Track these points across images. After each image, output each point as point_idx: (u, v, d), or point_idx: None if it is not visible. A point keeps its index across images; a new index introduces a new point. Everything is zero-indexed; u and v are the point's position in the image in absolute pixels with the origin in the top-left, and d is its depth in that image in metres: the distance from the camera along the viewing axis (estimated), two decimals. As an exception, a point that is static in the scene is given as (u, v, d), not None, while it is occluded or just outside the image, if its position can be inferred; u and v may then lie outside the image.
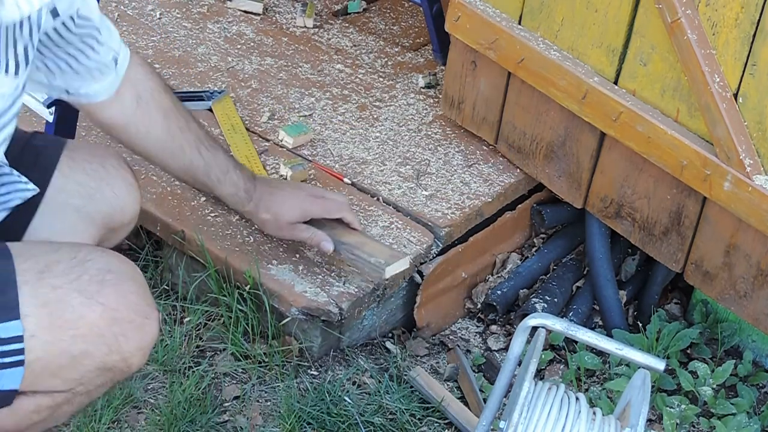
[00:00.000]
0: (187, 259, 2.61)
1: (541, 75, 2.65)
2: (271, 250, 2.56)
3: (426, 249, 2.63)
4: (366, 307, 2.53)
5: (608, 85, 2.57)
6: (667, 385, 2.60)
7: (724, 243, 2.49)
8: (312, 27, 3.30)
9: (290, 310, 2.46)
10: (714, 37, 2.36)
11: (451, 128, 2.97)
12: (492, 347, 2.72)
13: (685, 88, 2.45)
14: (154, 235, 2.69)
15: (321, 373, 2.54)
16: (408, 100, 3.06)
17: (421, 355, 2.66)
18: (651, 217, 2.62)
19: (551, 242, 2.93)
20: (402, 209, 2.71)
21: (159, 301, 2.64)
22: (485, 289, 2.81)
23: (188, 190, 2.68)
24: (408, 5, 3.48)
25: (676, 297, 2.88)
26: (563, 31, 2.63)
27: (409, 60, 3.23)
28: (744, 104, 2.36)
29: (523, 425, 1.93)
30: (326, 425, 2.39)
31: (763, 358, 2.72)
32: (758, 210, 2.37)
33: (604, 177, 2.68)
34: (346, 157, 2.84)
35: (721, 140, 2.38)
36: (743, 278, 2.49)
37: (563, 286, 2.81)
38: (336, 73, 3.13)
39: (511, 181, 2.84)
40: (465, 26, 2.77)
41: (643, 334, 2.69)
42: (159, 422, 2.37)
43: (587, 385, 2.62)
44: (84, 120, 2.79)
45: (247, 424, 2.40)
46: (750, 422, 2.49)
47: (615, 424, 2.00)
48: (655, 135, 2.49)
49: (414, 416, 2.47)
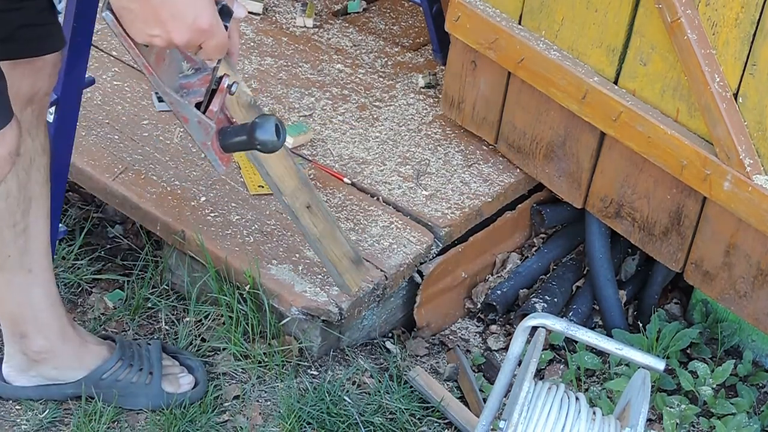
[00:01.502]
0: (187, 259, 2.61)
1: (541, 75, 2.65)
2: (271, 250, 2.57)
3: (426, 249, 2.63)
4: (366, 307, 2.53)
5: (608, 85, 2.57)
6: (667, 385, 2.60)
7: (724, 243, 2.49)
8: (312, 27, 3.30)
9: (290, 310, 2.46)
10: (714, 37, 2.36)
11: (451, 128, 2.97)
12: (492, 347, 2.72)
13: (685, 88, 2.45)
14: (154, 235, 2.69)
15: (321, 373, 2.54)
16: (408, 100, 3.06)
17: (421, 355, 2.66)
18: (651, 217, 2.62)
19: (551, 242, 2.93)
20: (402, 209, 2.71)
21: (159, 301, 2.64)
22: (485, 289, 2.81)
23: (188, 190, 2.68)
24: (408, 5, 3.48)
25: (676, 297, 2.88)
26: (563, 30, 2.63)
27: (409, 60, 3.23)
28: (744, 104, 2.36)
29: (523, 425, 1.93)
30: (326, 425, 2.39)
31: (763, 358, 2.72)
32: (758, 210, 2.37)
33: (604, 177, 2.68)
34: (346, 157, 2.84)
35: (721, 140, 2.38)
36: (743, 278, 2.49)
37: (563, 286, 2.81)
38: (336, 73, 3.13)
39: (511, 181, 2.84)
40: (465, 26, 2.77)
41: (643, 334, 2.69)
42: (159, 422, 2.37)
43: (587, 385, 2.62)
44: (83, 120, 2.79)
45: (247, 424, 2.40)
46: (750, 422, 2.49)
47: (615, 424, 2.00)
48: (655, 135, 2.49)
49: (414, 416, 2.47)
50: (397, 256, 2.59)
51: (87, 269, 2.71)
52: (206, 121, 1.77)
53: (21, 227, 2.19)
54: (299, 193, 2.38)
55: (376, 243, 2.61)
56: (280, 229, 2.61)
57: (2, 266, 2.23)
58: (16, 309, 2.30)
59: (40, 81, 2.11)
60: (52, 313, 2.32)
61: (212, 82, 1.77)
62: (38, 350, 2.34)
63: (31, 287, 2.27)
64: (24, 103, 2.09)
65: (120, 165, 2.72)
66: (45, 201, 2.22)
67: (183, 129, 2.83)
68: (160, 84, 1.73)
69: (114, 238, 2.84)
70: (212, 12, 1.66)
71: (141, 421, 2.39)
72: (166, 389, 2.41)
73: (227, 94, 1.79)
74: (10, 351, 2.36)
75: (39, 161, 2.18)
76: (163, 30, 1.64)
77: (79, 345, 2.37)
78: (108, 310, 2.65)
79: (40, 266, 2.26)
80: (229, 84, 1.78)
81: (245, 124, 1.79)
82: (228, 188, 2.70)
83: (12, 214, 2.17)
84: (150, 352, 2.42)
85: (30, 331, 2.31)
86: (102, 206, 2.89)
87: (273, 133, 1.77)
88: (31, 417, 2.37)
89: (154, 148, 2.78)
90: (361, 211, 2.69)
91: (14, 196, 2.16)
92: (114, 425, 2.38)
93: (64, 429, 2.36)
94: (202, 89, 1.77)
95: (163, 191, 2.67)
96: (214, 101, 1.78)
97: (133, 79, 2.97)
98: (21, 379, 2.38)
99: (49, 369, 2.37)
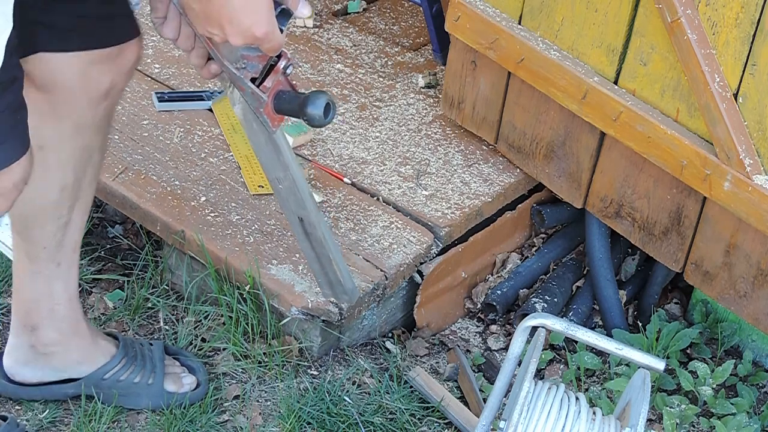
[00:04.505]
0: (187, 259, 2.61)
1: (541, 75, 2.65)
2: (271, 250, 2.57)
3: (426, 249, 2.63)
4: (366, 307, 2.53)
5: (608, 85, 2.57)
6: (667, 385, 2.60)
7: (724, 243, 2.49)
8: (312, 27, 3.30)
9: (290, 310, 2.46)
10: (714, 37, 2.36)
11: (451, 128, 2.97)
12: (492, 347, 2.72)
13: (685, 87, 2.45)
14: (154, 235, 2.69)
15: (321, 373, 2.54)
16: (408, 100, 3.06)
17: (421, 355, 2.66)
18: (651, 217, 2.62)
19: (551, 242, 2.93)
20: (402, 209, 2.71)
21: (159, 301, 2.64)
22: (485, 288, 2.81)
23: (188, 190, 2.68)
24: (408, 5, 3.48)
25: (676, 297, 2.88)
26: (563, 30, 2.63)
27: (409, 60, 3.23)
28: (744, 104, 2.36)
29: (523, 425, 1.94)
30: (326, 425, 2.40)
31: (763, 358, 2.72)
32: (758, 210, 2.37)
33: (604, 177, 2.68)
34: (345, 156, 2.84)
35: (721, 140, 2.38)
36: (743, 278, 2.49)
37: (563, 286, 2.81)
38: (336, 72, 3.13)
39: (511, 180, 2.84)
40: (465, 26, 2.77)
41: (643, 334, 2.69)
42: (159, 422, 2.37)
43: (587, 385, 2.62)
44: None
45: (247, 424, 2.40)
46: (750, 422, 2.49)
47: (615, 424, 2.00)
48: (655, 135, 2.49)
49: (414, 416, 2.47)
50: (397, 256, 2.59)
51: (87, 269, 2.71)
52: (259, 94, 1.90)
53: (64, 221, 2.20)
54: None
55: (376, 243, 2.61)
56: (280, 229, 2.61)
57: (35, 257, 2.24)
58: (33, 300, 2.30)
59: (118, 77, 2.11)
60: (69, 307, 2.32)
61: (270, 60, 1.89)
62: (48, 343, 2.34)
63: (54, 280, 2.28)
64: (100, 99, 2.11)
65: (120, 165, 2.72)
66: (89, 198, 2.24)
67: (182, 131, 2.84)
68: (219, 57, 1.87)
69: (114, 238, 2.85)
70: (268, 20, 1.78)
71: (141, 421, 2.39)
72: (168, 389, 2.41)
73: (282, 75, 1.91)
74: (16, 343, 2.35)
75: (95, 158, 2.20)
76: (221, 32, 1.78)
77: (90, 341, 2.38)
78: (108, 310, 2.65)
79: (69, 261, 2.27)
80: (285, 66, 1.90)
81: (301, 94, 1.90)
82: (228, 188, 2.71)
83: (60, 207, 2.19)
84: (153, 351, 2.42)
85: (42, 324, 2.32)
86: (102, 206, 2.89)
87: (322, 109, 1.87)
88: (31, 417, 2.37)
89: (154, 148, 2.78)
90: (361, 211, 2.69)
91: (68, 190, 2.17)
92: (114, 425, 2.38)
93: (64, 429, 2.36)
94: (259, 65, 1.89)
95: (163, 191, 2.67)
96: (268, 78, 1.90)
97: (133, 79, 2.97)
98: (24, 371, 2.37)
99: (56, 362, 2.37)
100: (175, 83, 3.00)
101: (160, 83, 3.01)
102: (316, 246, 2.28)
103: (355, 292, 2.43)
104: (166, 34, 1.91)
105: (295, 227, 2.29)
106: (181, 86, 2.99)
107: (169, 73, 3.03)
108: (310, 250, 2.31)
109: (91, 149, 2.16)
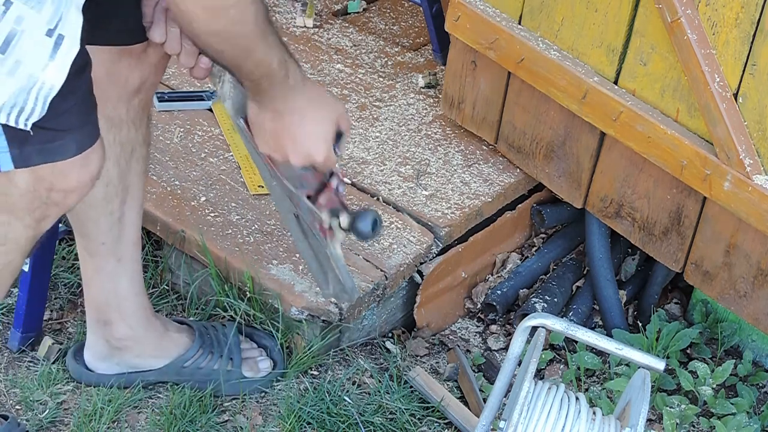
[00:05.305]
0: (187, 259, 2.61)
1: (541, 75, 2.65)
2: (271, 250, 2.57)
3: (426, 249, 2.63)
4: (366, 307, 2.53)
5: (608, 85, 2.57)
6: (667, 385, 2.60)
7: (724, 243, 2.49)
8: (312, 27, 3.30)
9: (290, 310, 2.46)
10: (714, 37, 2.36)
11: (451, 128, 2.97)
12: (492, 347, 2.72)
13: (685, 87, 2.45)
14: (154, 235, 2.69)
15: (321, 373, 2.54)
16: (408, 100, 3.06)
17: (421, 355, 2.66)
18: (651, 217, 2.62)
19: (551, 242, 2.93)
20: (402, 209, 2.71)
21: (159, 300, 2.64)
22: (485, 288, 2.81)
23: (188, 190, 2.68)
24: (408, 5, 3.48)
25: (676, 297, 2.88)
26: (563, 30, 2.63)
27: (409, 60, 3.23)
28: (744, 104, 2.36)
29: (523, 425, 1.94)
30: (326, 425, 2.40)
31: (763, 358, 2.72)
32: (758, 210, 2.37)
33: (604, 177, 2.68)
34: (345, 156, 2.84)
35: (721, 140, 2.38)
36: (743, 278, 2.49)
37: (563, 286, 2.81)
38: (336, 72, 3.13)
39: (511, 180, 2.84)
40: (465, 26, 2.77)
41: (643, 334, 2.69)
42: (159, 422, 2.37)
43: (587, 385, 2.62)
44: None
45: (247, 424, 2.40)
46: (750, 422, 2.49)
47: (615, 424, 2.00)
48: (655, 135, 2.49)
49: (414, 416, 2.47)
50: (397, 256, 2.59)
51: (87, 269, 2.71)
52: (315, 212, 2.10)
53: (117, 216, 2.23)
54: None
55: (376, 243, 2.61)
56: (280, 229, 2.61)
57: (95, 253, 2.27)
58: (102, 296, 2.33)
59: (147, 71, 2.13)
60: (137, 303, 2.35)
61: (324, 177, 2.09)
62: (121, 337, 2.37)
63: (119, 276, 2.31)
64: (132, 94, 2.13)
65: (120, 165, 2.72)
66: (140, 192, 2.27)
67: (182, 131, 2.83)
68: (278, 175, 2.05)
69: (114, 238, 2.84)
70: (327, 148, 2.00)
71: (141, 421, 2.39)
72: (246, 374, 2.43)
73: (334, 193, 2.11)
74: (93, 338, 2.39)
75: (140, 152, 2.22)
76: (282, 153, 1.99)
77: (162, 334, 2.40)
78: (108, 310, 2.65)
79: (130, 256, 2.30)
80: (337, 185, 2.11)
81: (351, 212, 2.11)
82: (228, 188, 2.71)
83: (110, 203, 2.21)
84: (227, 336, 2.44)
85: (114, 319, 2.35)
86: (102, 206, 2.90)
87: (370, 226, 2.09)
88: (32, 417, 2.37)
89: (154, 148, 2.78)
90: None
91: (114, 185, 2.19)
92: (114, 425, 2.38)
93: (64, 429, 2.36)
94: (315, 183, 2.09)
95: (163, 191, 2.67)
96: (322, 195, 2.10)
97: (133, 79, 2.97)
98: (102, 366, 2.41)
99: (131, 357, 2.40)
100: (175, 83, 3.00)
101: (160, 83, 3.00)
102: (313, 244, 2.28)
103: (354, 292, 2.43)
104: (155, 38, 1.95)
105: (291, 226, 2.29)
106: (181, 86, 2.99)
107: (169, 73, 3.03)
108: (307, 248, 2.31)
109: (131, 143, 2.18)
